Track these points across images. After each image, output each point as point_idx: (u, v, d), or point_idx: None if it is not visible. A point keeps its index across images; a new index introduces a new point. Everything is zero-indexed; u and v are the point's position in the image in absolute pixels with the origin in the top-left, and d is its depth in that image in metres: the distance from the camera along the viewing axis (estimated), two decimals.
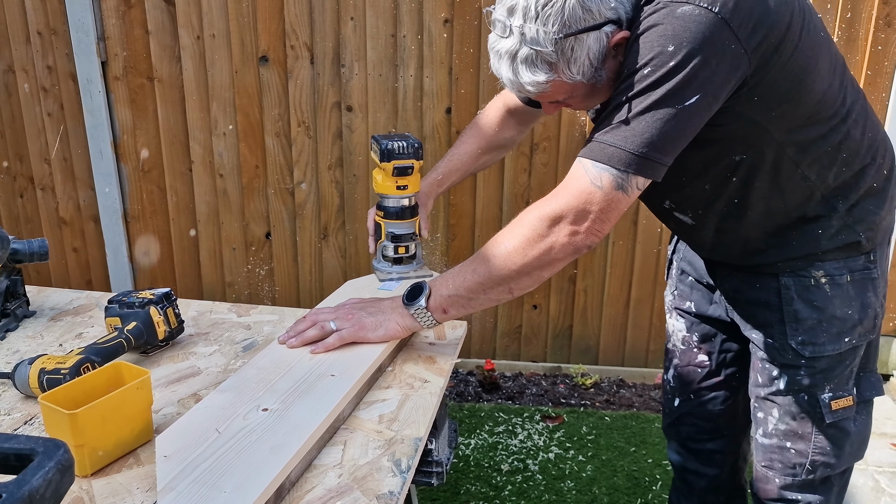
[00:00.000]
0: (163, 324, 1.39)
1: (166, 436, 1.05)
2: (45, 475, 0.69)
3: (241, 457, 1.00)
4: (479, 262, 1.29)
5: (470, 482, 2.46)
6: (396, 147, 1.59)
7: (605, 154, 1.17)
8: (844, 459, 1.43)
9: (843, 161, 1.30)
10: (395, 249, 1.67)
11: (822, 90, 1.23)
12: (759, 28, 1.13)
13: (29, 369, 1.21)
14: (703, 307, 1.62)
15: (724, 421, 1.70)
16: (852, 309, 1.35)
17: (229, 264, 3.15)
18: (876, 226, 1.35)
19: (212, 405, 1.14)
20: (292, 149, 2.95)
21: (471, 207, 2.96)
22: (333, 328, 1.35)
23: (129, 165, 3.05)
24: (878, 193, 1.35)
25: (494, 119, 1.71)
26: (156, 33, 2.86)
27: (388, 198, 1.64)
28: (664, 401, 1.80)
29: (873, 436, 2.62)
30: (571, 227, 1.21)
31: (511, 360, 3.19)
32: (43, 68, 2.98)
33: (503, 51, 1.20)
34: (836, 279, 1.34)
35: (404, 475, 1.05)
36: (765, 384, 1.43)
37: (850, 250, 1.34)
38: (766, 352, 1.41)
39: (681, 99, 1.13)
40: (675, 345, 1.71)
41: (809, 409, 1.39)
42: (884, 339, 3.00)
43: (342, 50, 2.81)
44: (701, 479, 1.77)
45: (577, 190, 1.20)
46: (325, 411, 1.12)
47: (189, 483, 0.95)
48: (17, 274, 1.57)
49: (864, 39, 2.63)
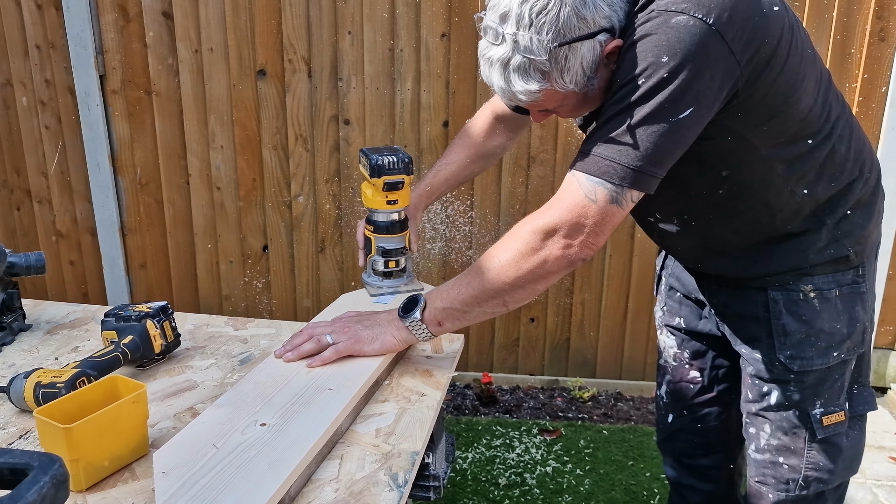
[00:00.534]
0: (159, 337, 1.39)
1: (164, 451, 1.05)
2: (39, 490, 0.69)
3: (239, 472, 1.00)
4: (474, 276, 1.29)
5: (467, 496, 2.45)
6: (387, 162, 1.56)
7: (599, 168, 1.16)
8: (838, 475, 1.42)
9: (831, 176, 1.30)
10: (385, 264, 1.66)
11: (808, 106, 1.23)
12: (752, 42, 1.12)
13: (24, 383, 1.21)
14: (693, 323, 1.62)
15: (718, 436, 1.70)
16: (840, 323, 1.34)
17: (226, 277, 3.15)
18: (864, 240, 1.36)
19: (209, 420, 1.13)
20: (290, 162, 2.96)
21: (467, 217, 2.96)
22: (330, 341, 1.35)
23: (127, 178, 3.06)
24: (865, 207, 1.36)
25: (483, 127, 1.70)
26: (154, 47, 2.87)
27: (378, 212, 1.63)
28: (658, 416, 1.79)
29: (871, 449, 2.63)
30: (565, 240, 1.21)
31: (508, 374, 3.18)
32: (41, 82, 2.99)
33: (495, 58, 1.18)
34: (824, 293, 1.34)
35: (401, 489, 1.04)
36: (756, 399, 1.43)
37: (838, 264, 1.34)
38: (755, 366, 1.41)
39: (675, 111, 1.12)
40: (667, 361, 1.71)
41: (801, 425, 1.38)
42: (881, 352, 3.00)
43: (339, 63, 2.82)
44: (696, 494, 1.77)
45: (571, 203, 1.19)
46: (323, 425, 1.11)
47: (188, 499, 0.94)
48: (14, 287, 1.57)
49: (859, 53, 2.65)
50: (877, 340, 2.96)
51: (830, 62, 2.65)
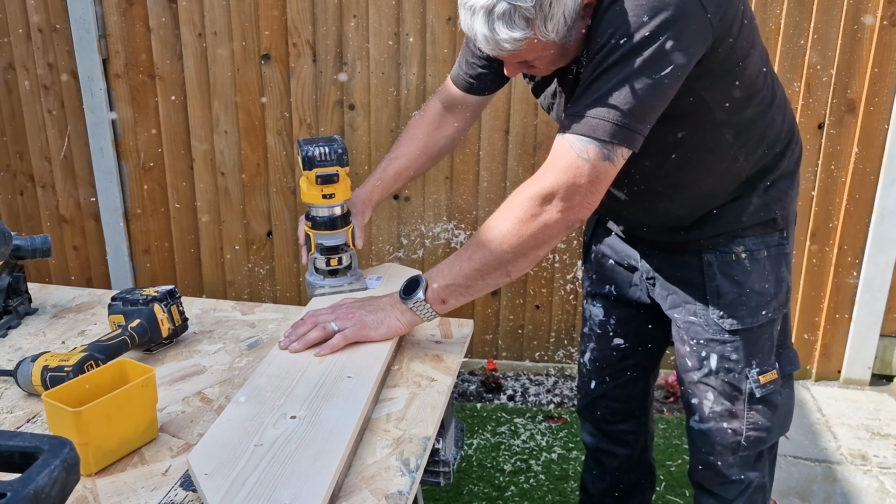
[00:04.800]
0: (167, 321, 1.38)
1: (199, 452, 1.01)
2: (50, 473, 0.68)
3: (287, 467, 0.97)
4: (475, 249, 1.29)
5: (473, 482, 2.44)
6: (318, 153, 1.48)
7: (588, 126, 1.18)
8: (774, 432, 1.52)
9: (767, 144, 1.39)
10: (327, 262, 1.58)
11: (755, 73, 1.31)
12: (722, 4, 1.18)
13: (31, 367, 1.20)
14: (624, 289, 1.66)
15: (638, 402, 1.79)
16: (769, 283, 1.43)
17: (230, 263, 3.13)
18: (788, 205, 1.45)
19: (235, 417, 1.10)
20: (294, 147, 2.94)
21: (474, 205, 2.94)
22: (335, 328, 1.33)
23: (130, 163, 3.04)
24: (790, 176, 1.46)
25: (432, 119, 1.67)
26: (157, 30, 2.84)
27: (315, 207, 1.54)
28: (580, 384, 1.85)
29: (877, 437, 2.62)
30: (563, 202, 1.22)
31: (514, 360, 3.18)
32: (44, 65, 2.97)
33: (478, 6, 1.17)
34: (754, 254, 1.42)
35: (413, 475, 1.03)
36: (695, 367, 1.49)
37: (766, 227, 1.43)
38: (689, 330, 1.47)
39: (657, 69, 1.15)
40: (592, 329, 1.75)
41: (740, 387, 1.46)
42: (888, 339, 2.99)
43: (344, 48, 2.80)
44: (614, 460, 1.84)
45: (565, 165, 1.21)
46: (355, 413, 1.10)
47: (244, 498, 0.91)
48: (20, 271, 1.56)
49: (870, 40, 2.62)
50: (884, 328, 2.95)
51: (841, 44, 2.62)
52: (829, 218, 2.83)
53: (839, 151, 2.75)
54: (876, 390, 3.00)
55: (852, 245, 2.86)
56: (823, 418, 2.78)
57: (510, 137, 2.84)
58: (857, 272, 2.88)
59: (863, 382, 3.01)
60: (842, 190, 2.80)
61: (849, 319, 2.95)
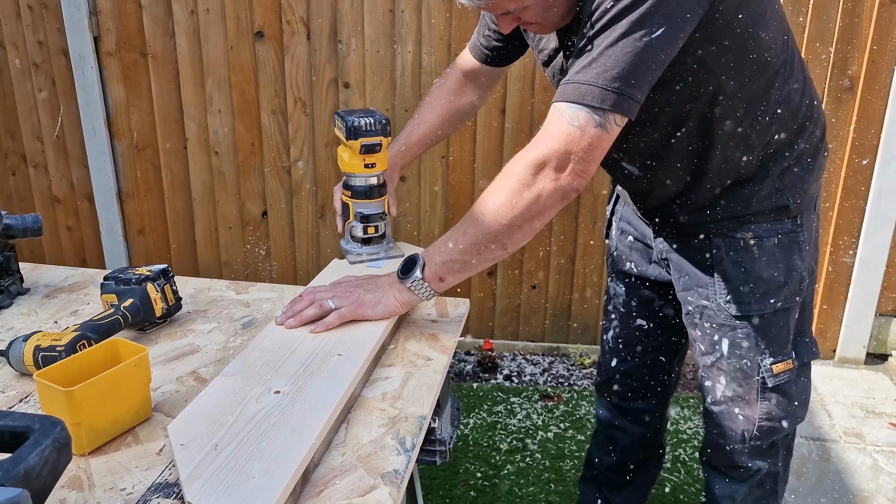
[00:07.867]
0: (160, 301, 1.37)
1: (179, 423, 1.02)
2: (41, 453, 0.67)
3: (262, 441, 0.97)
4: (470, 223, 1.27)
5: (469, 461, 2.45)
6: (364, 124, 1.51)
7: (578, 92, 1.16)
8: (789, 423, 1.49)
9: (781, 121, 1.33)
10: (364, 230, 1.61)
11: (768, 44, 1.26)
12: None
13: (24, 346, 1.18)
14: (643, 267, 1.64)
15: (657, 383, 1.77)
16: (778, 271, 1.38)
17: (225, 243, 3.12)
18: (804, 192, 1.39)
19: (220, 389, 1.11)
20: (289, 126, 2.91)
21: (470, 188, 2.93)
22: (332, 306, 1.32)
23: (123, 143, 3.01)
24: (807, 161, 1.39)
25: (453, 86, 1.70)
26: (149, 8, 2.80)
27: (356, 176, 1.58)
28: (601, 360, 1.84)
29: (871, 415, 2.63)
30: (556, 171, 1.19)
31: (510, 340, 3.18)
32: (34, 43, 2.93)
33: None
34: (763, 241, 1.38)
35: (409, 454, 1.03)
36: (708, 352, 1.48)
37: (778, 213, 1.38)
38: (700, 314, 1.46)
39: (648, 30, 1.12)
40: (616, 307, 1.74)
41: (753, 375, 1.43)
42: (884, 318, 3.00)
43: (339, 25, 2.76)
44: (626, 437, 1.84)
45: (557, 133, 1.18)
46: (339, 391, 1.09)
47: (215, 469, 0.92)
48: (11, 250, 1.54)
49: (869, 17, 2.59)
50: (879, 307, 2.96)
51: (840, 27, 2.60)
52: (826, 197, 2.83)
53: (837, 130, 2.74)
54: (871, 369, 3.01)
55: (849, 224, 2.86)
56: (818, 397, 2.79)
57: (506, 116, 2.82)
58: (853, 251, 2.88)
59: (858, 361, 3.02)
60: (839, 168, 2.79)
61: (844, 299, 2.95)
